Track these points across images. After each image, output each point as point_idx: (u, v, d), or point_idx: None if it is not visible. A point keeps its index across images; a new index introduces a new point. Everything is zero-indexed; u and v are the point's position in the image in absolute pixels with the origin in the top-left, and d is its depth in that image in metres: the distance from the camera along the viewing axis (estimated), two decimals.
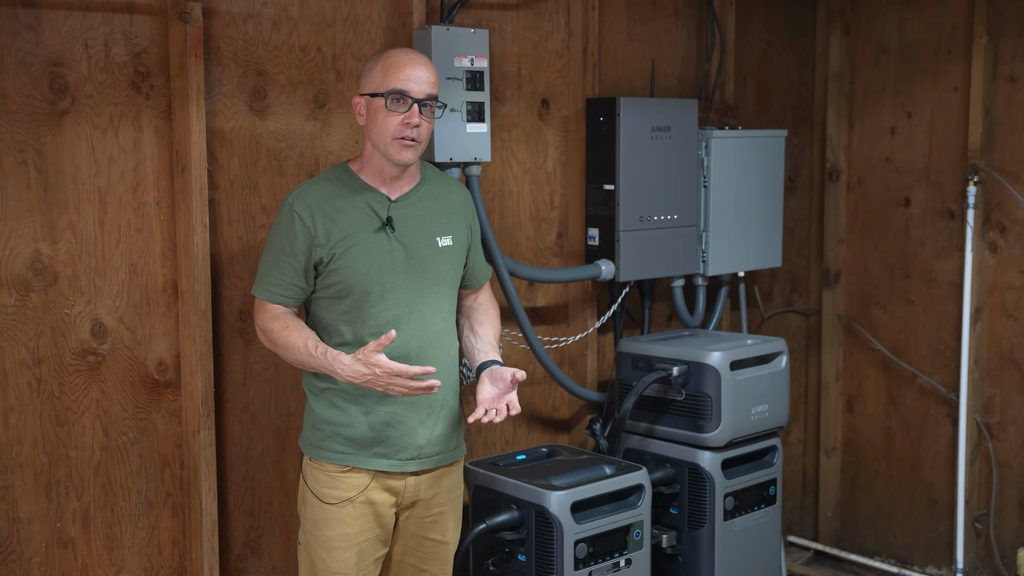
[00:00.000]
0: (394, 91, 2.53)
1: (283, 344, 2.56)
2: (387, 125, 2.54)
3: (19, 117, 2.61)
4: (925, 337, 4.36)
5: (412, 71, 2.54)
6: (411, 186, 2.67)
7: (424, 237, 2.65)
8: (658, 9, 3.99)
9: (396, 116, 2.53)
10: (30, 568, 2.70)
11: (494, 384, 2.61)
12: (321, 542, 2.63)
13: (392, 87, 2.53)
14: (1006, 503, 4.18)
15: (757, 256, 4.11)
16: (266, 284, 2.60)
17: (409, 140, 2.54)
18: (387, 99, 2.53)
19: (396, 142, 2.54)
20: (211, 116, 2.90)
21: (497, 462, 3.30)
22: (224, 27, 2.92)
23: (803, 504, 4.79)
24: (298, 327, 2.57)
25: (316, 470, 2.65)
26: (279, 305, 2.60)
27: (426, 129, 2.56)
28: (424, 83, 2.54)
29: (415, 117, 2.52)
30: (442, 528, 2.76)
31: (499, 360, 2.71)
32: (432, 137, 3.17)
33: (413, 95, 2.53)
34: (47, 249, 2.67)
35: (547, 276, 3.58)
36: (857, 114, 4.52)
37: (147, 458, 2.87)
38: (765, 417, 3.58)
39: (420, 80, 2.54)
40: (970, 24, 4.13)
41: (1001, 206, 4.12)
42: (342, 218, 2.58)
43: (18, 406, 2.66)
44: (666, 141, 3.72)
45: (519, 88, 3.58)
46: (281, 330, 2.56)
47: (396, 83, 2.53)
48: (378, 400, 2.61)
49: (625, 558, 3.17)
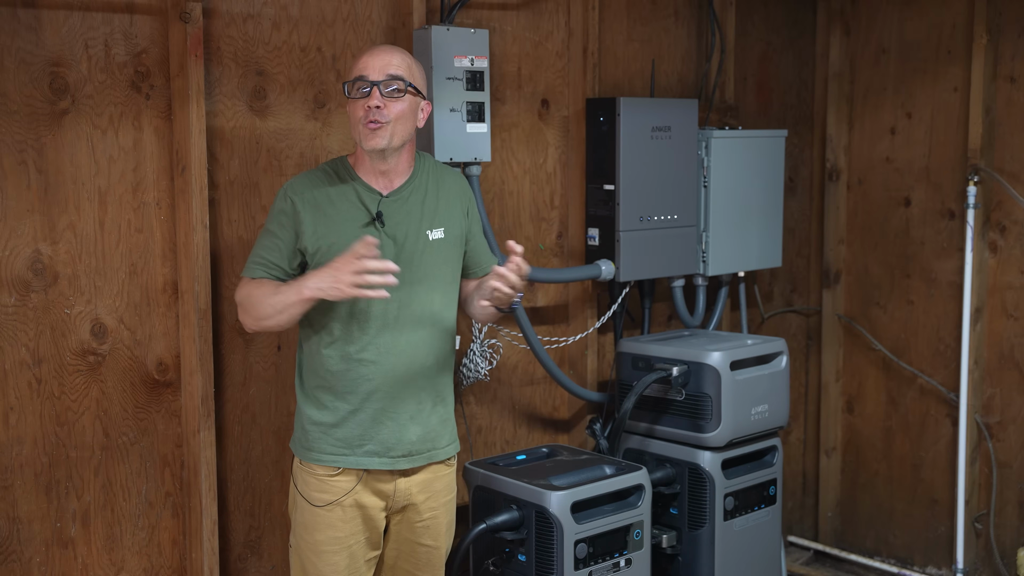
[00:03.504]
0: (354, 79, 2.56)
1: (257, 296, 2.55)
2: (354, 113, 2.57)
3: (19, 117, 2.61)
4: (925, 337, 4.36)
5: (370, 58, 2.57)
6: (403, 180, 2.66)
7: (414, 231, 2.64)
8: (658, 9, 3.99)
9: (360, 102, 2.55)
10: (30, 568, 2.70)
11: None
12: (311, 545, 2.63)
13: (352, 75, 2.57)
14: (1006, 503, 4.18)
15: (757, 256, 4.11)
16: (250, 263, 2.63)
17: (373, 123, 2.53)
18: (348, 88, 2.57)
19: (363, 128, 2.55)
20: (211, 116, 2.90)
21: (497, 462, 3.30)
22: (224, 27, 2.92)
23: (803, 504, 4.79)
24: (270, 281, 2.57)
25: (305, 473, 2.65)
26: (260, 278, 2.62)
27: (394, 111, 2.55)
28: (384, 67, 2.55)
29: (374, 99, 2.52)
30: (434, 533, 2.75)
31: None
32: (432, 137, 3.17)
33: (371, 78, 2.54)
34: (47, 249, 2.67)
35: (547, 276, 3.58)
36: (857, 114, 4.52)
37: (147, 458, 2.87)
38: (765, 417, 3.58)
39: (378, 64, 2.55)
40: (970, 24, 4.13)
41: (1001, 206, 4.12)
42: (332, 209, 2.59)
43: (18, 406, 2.66)
44: (666, 141, 3.72)
45: (519, 88, 3.58)
46: (256, 287, 2.58)
47: (356, 71, 2.57)
48: (367, 396, 2.61)
49: (625, 558, 3.17)
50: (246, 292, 2.60)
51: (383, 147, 2.56)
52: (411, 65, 2.61)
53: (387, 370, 2.61)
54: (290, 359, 3.10)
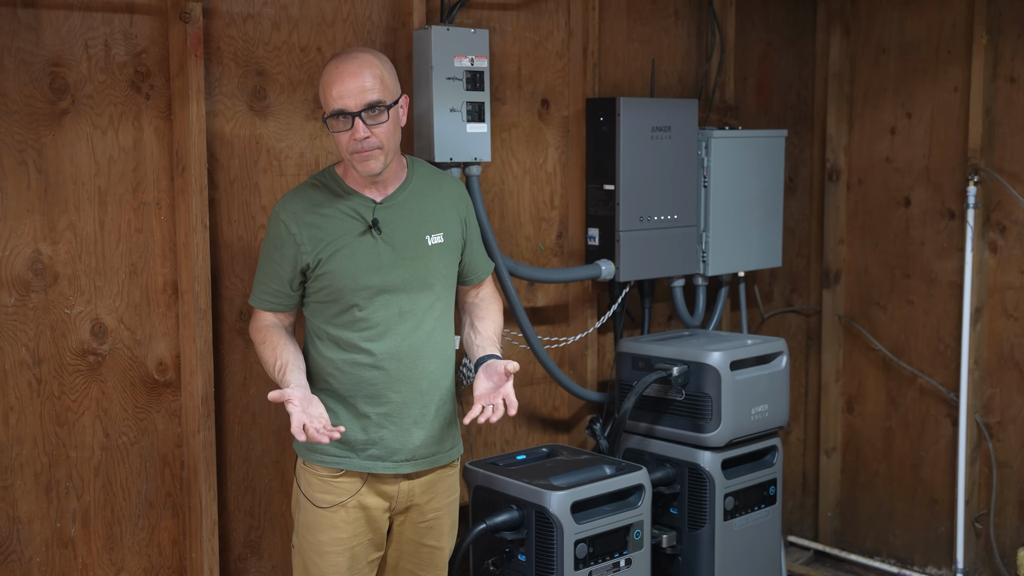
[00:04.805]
0: (333, 113, 2.49)
1: (260, 357, 2.65)
2: (340, 144, 2.52)
3: (19, 117, 2.61)
4: (925, 337, 4.36)
5: (341, 87, 2.47)
6: (396, 186, 2.64)
7: (412, 237, 2.62)
8: (658, 9, 3.99)
9: (344, 134, 2.50)
10: (30, 568, 2.70)
11: (488, 378, 2.58)
12: (314, 546, 2.63)
13: (330, 109, 2.50)
14: (1006, 503, 4.18)
15: (757, 256, 4.11)
16: (257, 292, 2.66)
17: (364, 152, 2.50)
18: (329, 122, 2.51)
19: (354, 156, 2.51)
20: (211, 116, 2.90)
21: (497, 462, 3.30)
22: (224, 27, 2.92)
23: (803, 504, 4.79)
24: (274, 345, 2.60)
25: (309, 474, 2.65)
26: (269, 312, 2.65)
27: (382, 134, 2.49)
28: (358, 95, 2.46)
29: (359, 132, 2.47)
30: (437, 534, 2.75)
31: (497, 355, 2.67)
32: (432, 137, 3.17)
33: (350, 110, 2.47)
34: (47, 249, 2.67)
35: (547, 276, 3.58)
36: (857, 114, 4.52)
37: (147, 458, 2.87)
38: (765, 417, 3.58)
39: (352, 93, 2.46)
40: (970, 24, 4.13)
41: (1001, 206, 4.12)
42: (327, 223, 2.57)
43: (18, 406, 2.66)
44: (666, 141, 3.72)
45: (519, 88, 3.58)
46: (260, 343, 2.64)
47: (332, 103, 2.49)
48: (370, 401, 2.61)
49: (625, 558, 3.17)
50: (255, 337, 2.66)
51: (379, 171, 2.54)
52: (383, 75, 2.51)
53: (390, 375, 2.60)
54: None
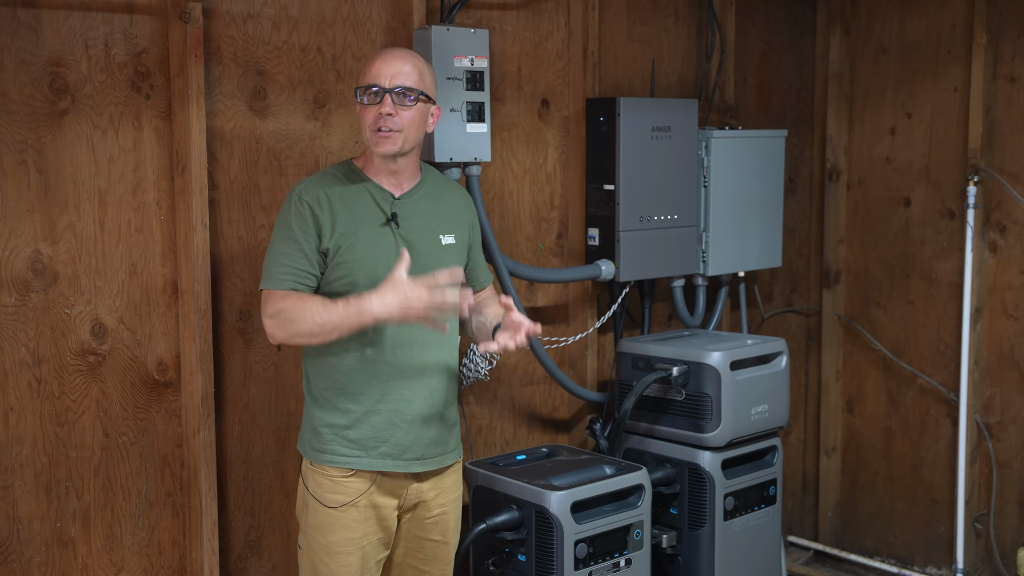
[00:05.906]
0: (366, 86, 2.58)
1: (299, 311, 2.47)
2: (365, 119, 2.59)
3: (19, 117, 2.61)
4: (925, 337, 4.36)
5: (384, 65, 2.58)
6: (412, 184, 2.69)
7: (427, 234, 2.67)
8: (658, 9, 3.99)
9: (371, 108, 2.57)
10: (30, 568, 2.70)
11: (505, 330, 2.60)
12: (324, 547, 2.63)
13: (365, 82, 2.59)
14: (1006, 503, 4.18)
15: (757, 256, 4.11)
16: (275, 273, 2.54)
17: (385, 130, 2.56)
18: (360, 94, 2.59)
19: (374, 134, 2.57)
20: (211, 116, 2.90)
21: (497, 462, 3.30)
22: (224, 27, 2.92)
23: (803, 504, 4.79)
24: (312, 300, 2.50)
25: (318, 475, 2.65)
26: (290, 291, 2.53)
27: (405, 119, 2.57)
28: (396, 75, 2.57)
29: (386, 107, 2.55)
30: (443, 529, 2.76)
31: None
32: (432, 137, 3.17)
33: (384, 85, 2.56)
34: (47, 249, 2.67)
35: (547, 276, 3.58)
36: (857, 114, 4.52)
37: (147, 458, 2.87)
38: (765, 417, 3.58)
39: (391, 72, 2.57)
40: (970, 24, 4.13)
41: (1001, 206, 4.12)
42: (347, 210, 2.59)
43: (18, 406, 2.66)
44: (666, 141, 3.72)
45: (519, 88, 3.58)
46: (295, 301, 2.49)
47: (368, 78, 2.59)
48: (380, 399, 2.61)
49: (625, 558, 3.17)
50: (282, 306, 2.49)
51: (394, 152, 2.59)
52: (423, 71, 2.63)
53: (402, 372, 2.61)
54: (290, 359, 3.09)
